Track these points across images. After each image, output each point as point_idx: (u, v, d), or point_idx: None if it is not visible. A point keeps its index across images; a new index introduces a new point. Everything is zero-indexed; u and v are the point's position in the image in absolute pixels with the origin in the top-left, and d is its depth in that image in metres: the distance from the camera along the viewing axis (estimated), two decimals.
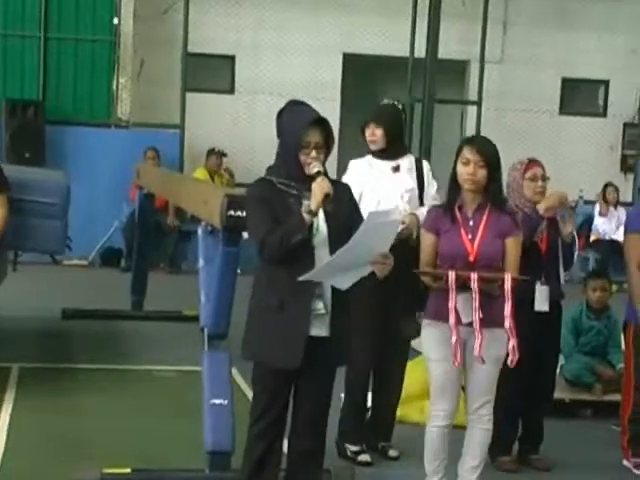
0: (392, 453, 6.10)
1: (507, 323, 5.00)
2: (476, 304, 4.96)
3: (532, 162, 6.11)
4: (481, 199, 5.16)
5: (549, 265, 5.99)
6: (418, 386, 6.48)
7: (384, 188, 5.96)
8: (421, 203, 6.04)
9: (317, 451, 4.72)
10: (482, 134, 14.97)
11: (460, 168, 5.13)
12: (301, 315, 4.44)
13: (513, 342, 5.04)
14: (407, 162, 6.11)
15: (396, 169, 6.05)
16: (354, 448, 6.01)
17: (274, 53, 15.30)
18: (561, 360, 7.49)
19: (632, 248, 6.25)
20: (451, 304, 4.97)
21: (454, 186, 5.20)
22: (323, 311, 4.48)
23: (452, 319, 4.98)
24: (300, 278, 4.30)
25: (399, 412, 6.31)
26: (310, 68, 15.22)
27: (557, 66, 16.17)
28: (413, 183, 6.06)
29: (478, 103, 15.63)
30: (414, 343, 5.94)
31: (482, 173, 5.10)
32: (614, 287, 8.62)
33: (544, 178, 6.04)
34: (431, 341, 5.18)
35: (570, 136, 16.21)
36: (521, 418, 6.20)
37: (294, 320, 4.43)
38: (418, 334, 5.42)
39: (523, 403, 6.12)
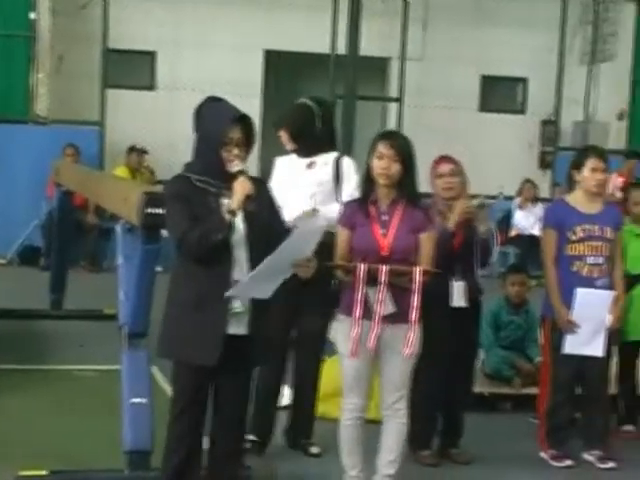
0: (313, 450, 6.12)
1: (413, 315, 5.04)
2: (381, 296, 4.99)
3: (442, 159, 6.17)
4: (395, 194, 5.20)
5: (464, 261, 6.05)
6: (338, 382, 6.49)
7: (295, 185, 5.98)
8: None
9: (237, 449, 4.73)
10: (403, 131, 15.08)
11: (374, 163, 5.16)
12: (219, 313, 4.42)
13: (412, 335, 5.08)
14: (324, 158, 6.12)
15: (310, 165, 6.07)
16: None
17: (195, 49, 15.22)
18: (481, 354, 7.60)
19: (548, 243, 6.35)
20: (358, 296, 5.00)
21: (368, 181, 5.23)
22: (241, 309, 4.47)
23: (357, 312, 5.02)
24: (227, 294, 4.31)
25: (320, 409, 6.33)
26: (231, 65, 15.16)
27: (477, 64, 16.33)
28: (326, 177, 6.07)
29: (399, 100, 15.72)
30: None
31: (396, 168, 5.13)
32: (533, 282, 8.72)
33: (453, 174, 6.09)
34: (342, 336, 5.21)
35: (490, 133, 16.39)
36: (441, 412, 6.25)
37: (212, 318, 4.42)
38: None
39: (442, 397, 6.18)
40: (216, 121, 4.46)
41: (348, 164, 6.17)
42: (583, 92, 16.52)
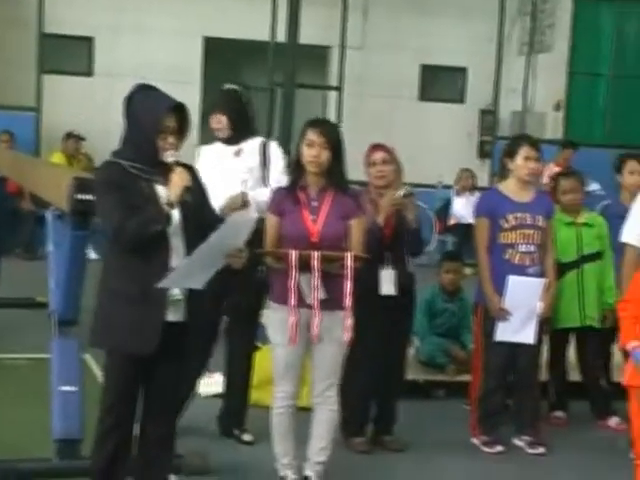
0: (246, 438, 6.12)
1: (347, 301, 5.05)
2: (316, 282, 5.00)
3: (375, 147, 6.19)
4: (324, 181, 5.20)
5: (395, 250, 6.06)
6: (272, 370, 6.50)
7: (225, 173, 5.96)
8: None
9: (170, 437, 4.71)
10: (343, 119, 15.13)
11: (304, 150, 5.16)
12: (157, 300, 4.40)
13: (349, 321, 5.10)
14: (251, 145, 6.11)
15: (238, 153, 6.06)
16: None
17: (133, 35, 15.09)
18: (415, 342, 7.65)
19: (480, 231, 6.40)
20: (291, 284, 5.00)
21: (298, 168, 5.23)
22: (180, 297, 4.46)
23: (292, 299, 5.02)
24: (158, 285, 4.28)
25: (254, 397, 6.33)
26: (170, 51, 15.06)
27: (417, 53, 16.39)
28: (254, 163, 6.07)
29: (339, 88, 15.73)
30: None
31: (326, 155, 5.14)
32: (470, 270, 8.80)
33: (386, 162, 6.10)
34: (274, 324, 5.22)
35: (430, 122, 16.47)
36: (374, 399, 6.28)
37: (151, 306, 4.39)
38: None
39: (375, 385, 6.20)
40: (151, 109, 4.42)
41: (274, 149, 6.18)
42: (521, 82, 16.65)
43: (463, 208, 15.05)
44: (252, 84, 16.17)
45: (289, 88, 14.57)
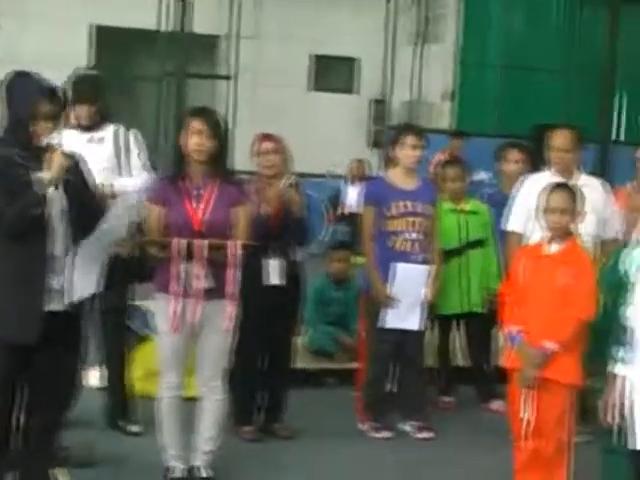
0: (133, 429, 6.07)
1: (231, 289, 5.05)
2: (200, 271, 4.98)
3: (263, 137, 6.20)
4: (209, 170, 5.19)
5: (281, 240, 6.08)
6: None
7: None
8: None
9: (54, 428, 4.67)
10: (236, 109, 15.09)
11: (188, 139, 5.13)
12: (37, 290, 4.35)
13: (233, 310, 5.10)
14: (104, 132, 6.06)
15: (91, 140, 5.98)
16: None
17: (16, 22, 14.77)
18: (306, 331, 7.69)
19: (366, 220, 6.46)
20: (175, 272, 4.98)
21: (180, 157, 5.21)
22: (57, 287, 4.41)
23: (176, 288, 5.00)
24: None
25: (141, 388, 6.28)
26: (55, 39, 14.80)
27: (309, 43, 16.45)
28: (111, 151, 6.02)
29: (231, 78, 15.68)
30: None
31: (211, 144, 5.12)
32: (360, 259, 8.86)
33: (275, 152, 6.11)
34: (159, 313, 5.20)
35: (321, 112, 16.54)
36: (263, 388, 6.29)
37: (30, 295, 4.35)
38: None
39: (264, 373, 6.22)
40: (25, 95, 4.40)
41: (135, 136, 6.13)
42: (412, 72, 16.82)
43: (355, 197, 15.14)
44: (142, 73, 16.13)
45: (180, 78, 14.47)
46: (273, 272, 6.06)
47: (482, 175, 12.88)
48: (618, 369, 3.84)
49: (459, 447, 6.31)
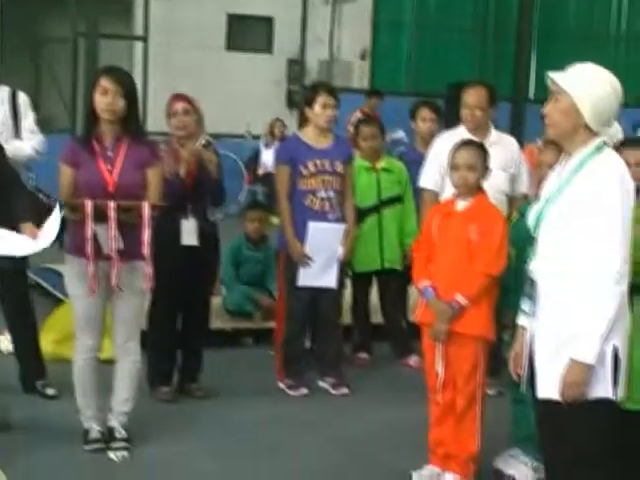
0: (49, 392, 6.04)
1: (145, 250, 5.04)
2: (113, 233, 4.96)
3: (175, 97, 6.16)
4: (119, 130, 5.15)
5: (196, 201, 6.07)
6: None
7: None
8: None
9: None
10: (150, 70, 14.93)
11: (99, 98, 5.07)
12: None
13: (149, 270, 5.10)
14: (2, 93, 5.99)
15: None
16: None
17: None
18: (223, 291, 7.70)
19: (281, 179, 6.47)
20: (88, 234, 4.95)
21: (92, 117, 5.15)
22: None
23: (89, 250, 4.96)
24: None
25: (57, 351, 6.26)
26: None
27: (223, 2, 16.30)
28: (5, 114, 5.95)
29: (144, 39, 15.49)
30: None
31: (122, 103, 5.08)
32: (276, 219, 8.87)
33: (187, 112, 6.08)
34: (72, 276, 5.16)
35: (238, 72, 16.44)
36: (179, 348, 6.30)
37: None
38: None
39: (180, 334, 6.23)
40: None
41: (24, 99, 6.07)
42: (328, 32, 16.80)
43: (272, 157, 15.14)
44: (53, 34, 15.84)
45: (92, 38, 14.25)
46: (188, 233, 6.05)
47: (400, 133, 13.00)
48: (523, 321, 3.92)
49: (375, 403, 6.40)
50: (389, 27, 17.12)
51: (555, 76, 3.76)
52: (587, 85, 3.70)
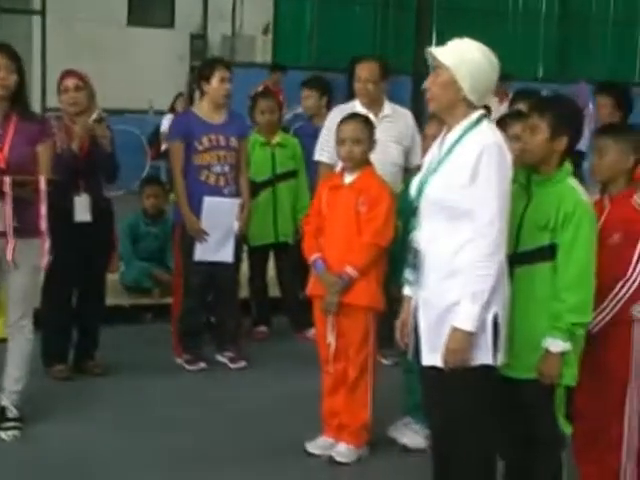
0: None
1: (42, 224, 5.00)
2: (7, 209, 4.90)
3: (67, 73, 6.09)
4: (8, 106, 5.09)
5: (89, 176, 6.02)
6: None
7: None
8: None
9: None
10: (49, 45, 14.69)
11: None
12: None
13: (45, 245, 5.05)
14: None
15: None
16: None
17: None
18: (121, 267, 7.67)
19: (175, 154, 6.46)
20: None
21: None
22: None
23: None
24: None
25: None
26: None
27: None
28: None
29: (42, 13, 15.21)
30: None
31: (14, 78, 5.03)
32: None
33: (79, 88, 6.01)
34: None
35: (140, 47, 16.22)
36: (75, 325, 6.26)
37: None
38: None
39: (75, 311, 6.20)
40: None
41: None
42: (230, 6, 16.69)
43: None
44: None
45: None
46: (81, 209, 6.01)
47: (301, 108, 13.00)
48: (407, 290, 4.00)
49: (273, 376, 6.46)
50: (291, 1, 17.09)
51: (435, 51, 3.83)
52: (466, 59, 3.78)
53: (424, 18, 16.58)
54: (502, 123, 4.39)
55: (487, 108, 7.89)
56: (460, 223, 3.73)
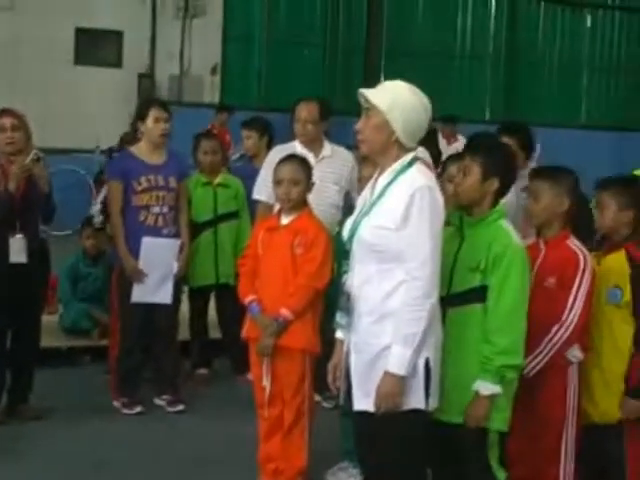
0: None
1: None
2: None
3: (3, 112, 5.99)
4: None
5: (25, 216, 5.93)
6: None
7: None
8: None
9: None
10: None
11: None
12: None
13: None
14: None
15: None
16: None
17: None
18: (60, 308, 7.56)
19: (114, 194, 6.39)
20: None
21: None
22: None
23: None
24: None
25: None
26: None
27: (71, 15, 16.01)
28: None
29: None
30: None
31: None
32: None
33: (15, 128, 5.93)
34: None
35: (87, 86, 16.15)
36: (9, 368, 6.13)
37: None
38: None
39: (8, 353, 6.07)
40: None
41: None
42: (178, 46, 16.70)
43: None
44: None
45: None
46: (17, 250, 5.90)
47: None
48: (340, 334, 3.96)
49: (211, 418, 6.37)
50: (239, 41, 17.10)
51: (366, 92, 3.82)
52: (399, 102, 3.76)
53: (372, 60, 16.72)
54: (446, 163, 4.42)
55: (438, 150, 8.01)
56: (392, 266, 3.70)
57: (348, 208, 6.04)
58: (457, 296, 3.94)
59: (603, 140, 18.26)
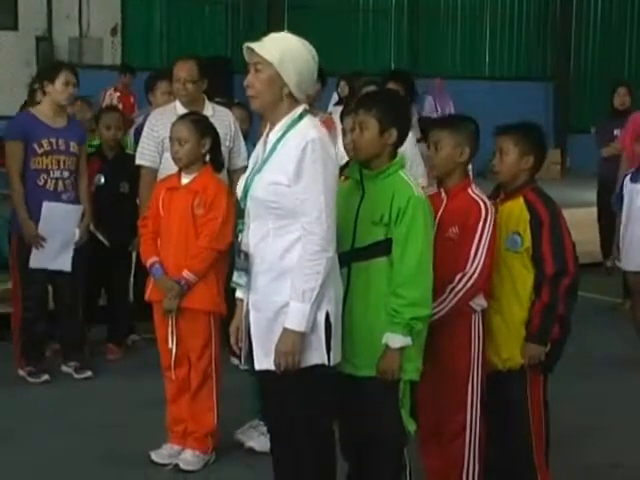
0: None
1: None
2: None
3: None
4: None
5: None
6: None
7: None
8: None
9: None
10: None
11: None
12: None
13: None
14: None
15: None
16: None
17: None
18: None
19: (14, 156, 6.21)
20: None
21: None
22: None
23: None
24: None
25: None
26: None
27: None
28: None
29: None
30: None
31: None
32: None
33: None
34: None
35: None
36: None
37: None
38: None
39: None
40: None
41: None
42: (76, 8, 16.34)
43: None
44: None
45: None
46: None
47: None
48: (239, 294, 3.89)
49: (118, 384, 6.29)
50: (139, 1, 16.82)
51: (253, 45, 3.72)
52: (290, 54, 3.68)
53: (275, 16, 16.60)
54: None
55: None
56: (288, 222, 3.64)
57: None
58: (362, 250, 3.89)
59: (508, 90, 18.45)
